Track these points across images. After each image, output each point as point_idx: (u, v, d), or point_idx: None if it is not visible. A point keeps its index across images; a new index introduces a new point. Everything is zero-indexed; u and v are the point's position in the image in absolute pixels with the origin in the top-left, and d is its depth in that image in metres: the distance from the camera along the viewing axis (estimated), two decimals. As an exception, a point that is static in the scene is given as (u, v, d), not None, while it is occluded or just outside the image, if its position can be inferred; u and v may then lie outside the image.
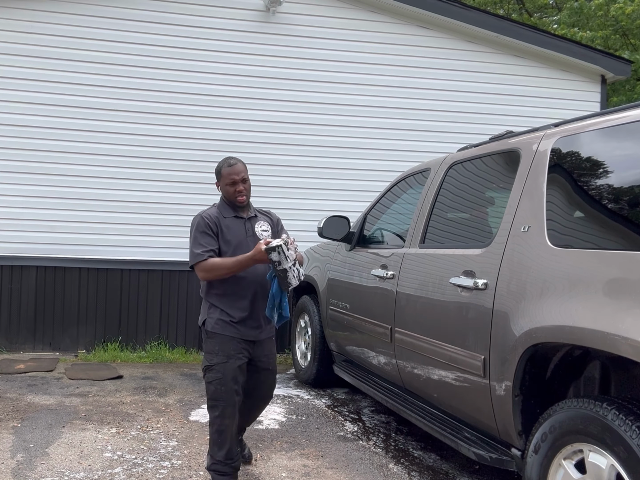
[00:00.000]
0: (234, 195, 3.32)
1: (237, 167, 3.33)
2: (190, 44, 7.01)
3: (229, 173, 3.31)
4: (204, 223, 3.26)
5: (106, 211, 6.83)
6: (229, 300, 3.29)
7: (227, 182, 3.32)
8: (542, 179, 2.93)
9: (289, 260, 3.01)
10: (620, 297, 2.31)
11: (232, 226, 3.31)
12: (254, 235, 3.34)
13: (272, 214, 3.60)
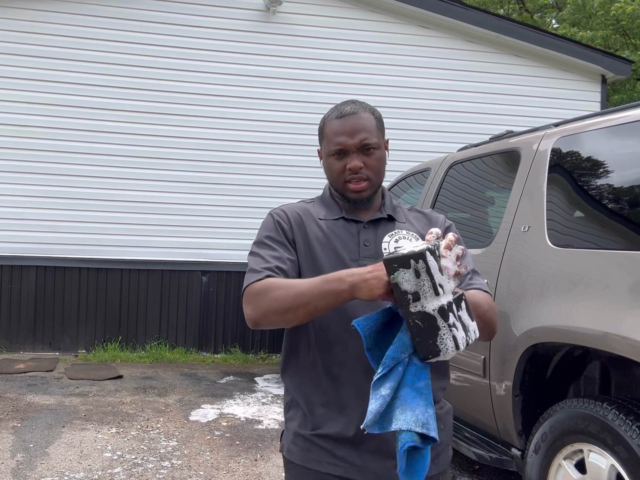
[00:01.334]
0: (341, 178, 1.55)
1: (354, 119, 1.54)
2: (190, 44, 7.01)
3: (336, 131, 1.54)
4: (271, 223, 1.58)
5: (106, 211, 6.83)
6: (311, 384, 1.52)
7: (330, 150, 1.56)
8: (543, 178, 2.93)
9: (442, 292, 1.21)
10: (620, 297, 2.31)
11: (331, 237, 1.56)
12: (375, 258, 1.50)
13: (435, 215, 1.69)
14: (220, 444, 4.11)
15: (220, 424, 4.52)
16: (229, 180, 7.06)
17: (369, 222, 1.57)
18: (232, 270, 7.01)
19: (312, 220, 1.58)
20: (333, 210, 1.60)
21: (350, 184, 1.54)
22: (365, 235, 1.54)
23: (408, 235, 1.57)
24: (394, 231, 1.56)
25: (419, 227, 1.60)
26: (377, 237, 1.54)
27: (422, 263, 1.18)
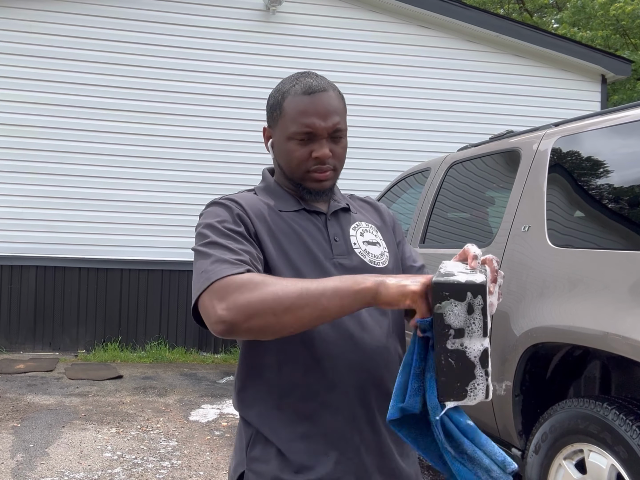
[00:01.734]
0: (303, 166, 1.31)
1: (326, 98, 1.32)
2: (190, 44, 7.01)
3: (304, 109, 1.29)
4: (224, 212, 1.25)
5: (106, 211, 6.83)
6: (284, 415, 1.22)
7: (293, 131, 1.29)
8: (543, 178, 2.93)
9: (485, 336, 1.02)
10: (620, 297, 2.31)
11: (299, 231, 1.31)
12: (347, 255, 1.32)
13: (379, 204, 1.54)
14: (220, 444, 4.11)
15: (220, 424, 4.52)
16: (229, 180, 7.05)
17: (332, 214, 1.35)
18: (232, 270, 7.01)
19: (272, 211, 1.29)
20: (288, 201, 1.33)
21: (315, 173, 1.30)
22: (333, 229, 1.32)
23: (368, 227, 1.40)
24: (356, 223, 1.38)
25: (370, 217, 1.44)
26: (344, 231, 1.34)
27: (480, 299, 0.98)
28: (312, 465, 1.17)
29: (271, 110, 1.35)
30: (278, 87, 1.35)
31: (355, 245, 1.32)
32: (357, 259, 1.29)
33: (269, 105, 1.36)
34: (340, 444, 1.19)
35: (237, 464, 1.25)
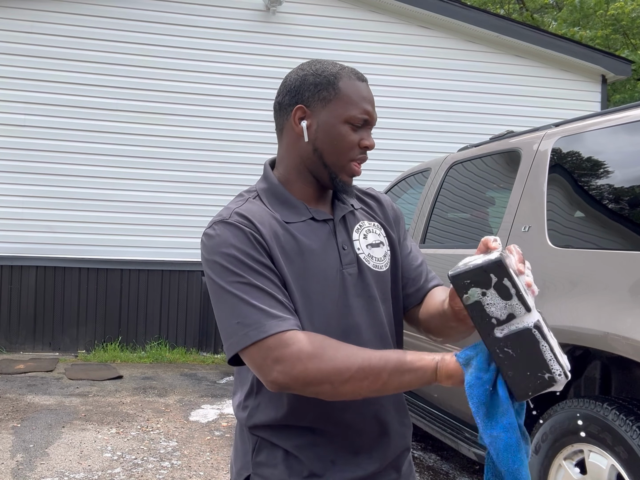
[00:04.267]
0: (349, 154, 1.22)
1: (370, 91, 1.32)
2: (190, 44, 7.01)
3: (364, 95, 1.26)
4: (242, 235, 1.13)
5: (106, 211, 6.83)
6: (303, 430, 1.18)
7: (351, 115, 1.21)
8: (543, 179, 2.93)
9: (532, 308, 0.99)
10: (620, 297, 2.31)
11: (308, 247, 1.20)
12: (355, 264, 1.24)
13: (382, 197, 1.42)
14: (221, 444, 4.11)
15: (220, 424, 4.52)
16: (229, 180, 7.05)
17: (340, 219, 1.25)
18: (232, 271, 7.01)
19: (281, 226, 1.18)
20: (295, 208, 1.21)
21: (355, 164, 1.22)
22: (341, 237, 1.23)
23: (372, 227, 1.29)
24: (359, 224, 1.28)
25: (373, 213, 1.34)
26: (350, 236, 1.25)
27: (505, 276, 0.94)
28: (322, 474, 1.15)
29: (316, 89, 1.20)
30: (318, 67, 1.22)
31: (359, 251, 1.24)
32: (362, 266, 1.23)
33: (308, 84, 1.20)
34: (350, 454, 1.18)
35: (242, 468, 1.22)
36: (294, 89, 1.22)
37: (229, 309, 1.08)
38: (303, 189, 1.24)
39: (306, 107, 1.20)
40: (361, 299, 1.21)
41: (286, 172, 1.24)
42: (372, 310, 1.22)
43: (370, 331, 1.21)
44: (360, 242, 1.25)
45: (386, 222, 1.34)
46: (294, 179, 1.24)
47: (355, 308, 1.20)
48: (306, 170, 1.23)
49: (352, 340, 1.12)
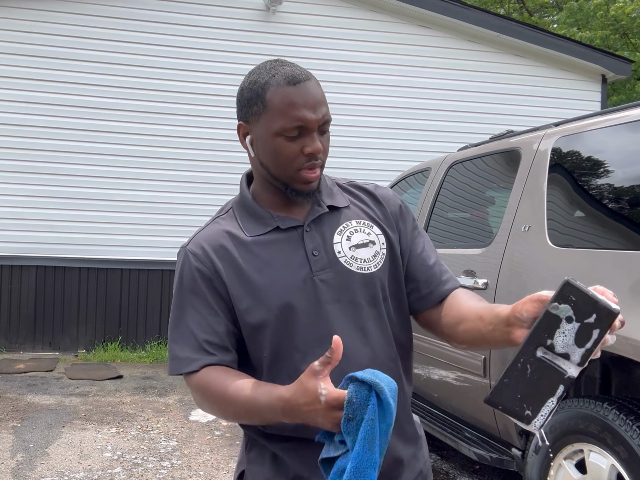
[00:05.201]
0: (294, 164, 1.16)
1: (312, 87, 1.16)
2: (190, 44, 7.01)
3: (293, 102, 1.13)
4: (188, 269, 1.22)
5: (106, 211, 6.83)
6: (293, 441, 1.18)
7: (282, 127, 1.14)
8: (543, 178, 2.93)
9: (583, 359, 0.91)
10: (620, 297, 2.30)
11: (270, 259, 1.20)
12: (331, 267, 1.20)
13: (380, 190, 1.34)
14: (221, 444, 4.11)
15: (220, 424, 4.52)
16: (230, 180, 7.04)
17: (310, 223, 1.21)
18: (232, 270, 7.02)
19: (240, 244, 1.19)
20: (261, 219, 1.22)
21: (305, 172, 1.16)
22: (312, 242, 1.19)
23: (359, 226, 1.24)
24: (342, 225, 1.23)
25: (366, 208, 1.28)
26: (326, 239, 1.21)
27: (600, 327, 0.88)
28: (308, 477, 1.14)
29: (249, 104, 1.18)
30: (253, 79, 1.18)
31: (339, 254, 1.20)
32: (342, 269, 1.19)
33: (244, 99, 1.19)
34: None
35: (240, 462, 1.30)
36: (238, 103, 1.22)
37: (169, 333, 1.24)
38: (270, 198, 1.23)
39: (245, 123, 1.20)
40: (338, 305, 1.17)
41: (255, 184, 1.27)
42: (351, 315, 1.18)
43: (353, 337, 1.16)
44: (342, 245, 1.21)
45: (383, 218, 1.28)
46: (260, 189, 1.25)
47: (331, 315, 1.17)
48: (267, 182, 1.22)
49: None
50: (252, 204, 1.24)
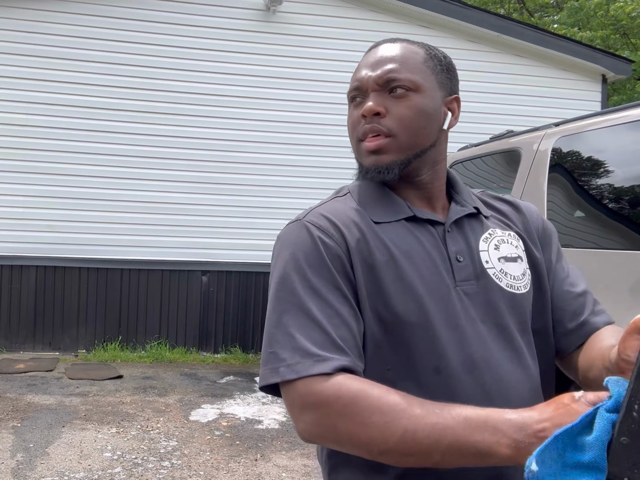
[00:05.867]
0: (356, 134, 1.02)
1: (389, 48, 1.04)
2: (190, 44, 7.00)
3: (360, 64, 1.04)
4: (312, 248, 0.92)
5: (107, 211, 6.83)
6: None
7: (348, 90, 1.05)
8: (543, 178, 2.93)
9: None
10: (620, 297, 2.30)
11: (404, 254, 0.95)
12: (477, 280, 0.98)
13: (524, 204, 1.18)
14: (221, 444, 4.11)
15: (220, 424, 4.52)
16: (230, 180, 7.06)
17: (452, 223, 1.00)
18: (232, 270, 7.02)
19: (369, 228, 0.95)
20: (393, 205, 0.99)
21: (364, 142, 0.98)
22: (455, 244, 0.98)
23: (506, 237, 1.03)
24: (488, 232, 1.02)
25: (509, 222, 1.08)
26: (470, 246, 0.99)
27: None
28: None
29: None
30: None
31: (487, 264, 0.98)
32: (490, 284, 0.97)
33: None
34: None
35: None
36: None
37: (270, 329, 0.90)
38: (404, 189, 1.01)
39: None
40: (484, 327, 0.94)
41: None
42: (503, 341, 0.94)
43: (509, 366, 0.93)
44: (489, 254, 0.99)
45: (526, 233, 1.08)
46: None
47: (481, 336, 0.93)
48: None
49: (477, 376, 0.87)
50: (382, 189, 1.01)
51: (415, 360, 0.89)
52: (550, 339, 1.03)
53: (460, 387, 0.84)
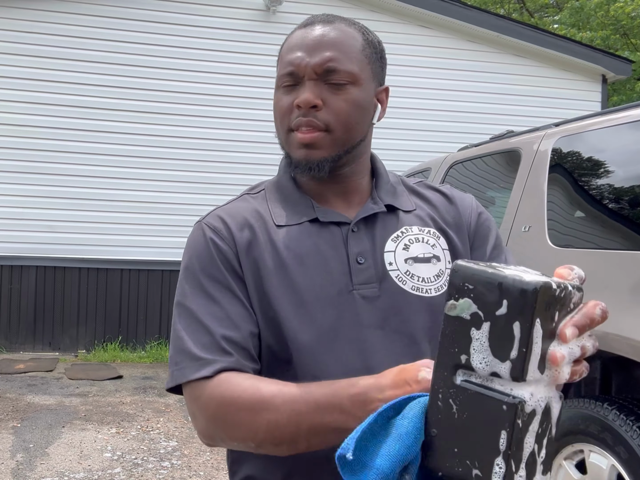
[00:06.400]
0: (284, 122, 0.94)
1: (325, 30, 0.97)
2: (190, 44, 7.00)
3: (292, 45, 0.98)
4: (203, 246, 0.93)
5: (106, 211, 6.83)
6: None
7: (279, 73, 0.97)
8: (543, 178, 2.93)
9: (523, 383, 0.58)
10: (620, 297, 2.30)
11: (298, 260, 0.92)
12: (378, 282, 0.92)
13: (459, 196, 1.05)
14: (220, 444, 4.11)
15: (220, 424, 4.52)
16: (230, 180, 7.05)
17: (359, 222, 0.94)
18: (232, 270, 7.02)
19: (265, 231, 0.93)
20: (297, 206, 0.95)
21: (297, 132, 0.91)
22: (357, 246, 0.92)
23: (422, 234, 0.95)
24: (400, 230, 0.95)
25: (437, 214, 0.99)
26: (376, 245, 0.93)
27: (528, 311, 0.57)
28: None
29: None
30: None
31: (390, 266, 0.91)
32: (392, 287, 0.90)
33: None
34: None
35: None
36: None
37: (172, 332, 0.91)
38: (313, 184, 0.97)
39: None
40: (380, 332, 0.89)
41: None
42: (397, 350, 0.88)
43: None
44: (396, 254, 0.93)
45: (455, 227, 0.99)
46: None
47: (369, 343, 0.88)
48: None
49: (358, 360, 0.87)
50: (289, 186, 0.98)
51: (295, 368, 0.88)
52: None
53: None
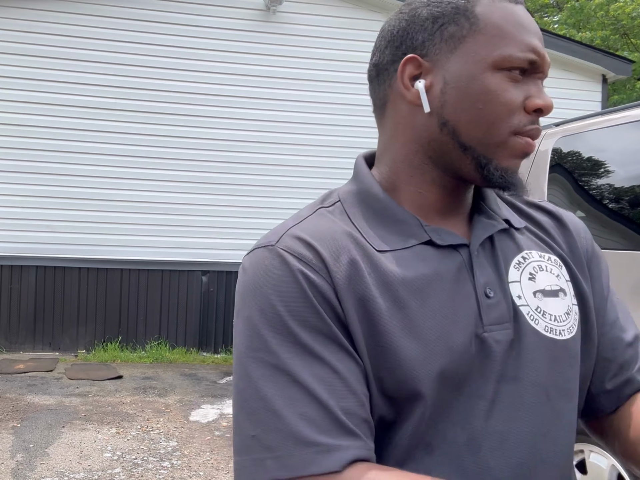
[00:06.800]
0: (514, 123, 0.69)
1: (530, 18, 0.71)
2: (190, 44, 7.00)
3: (522, 23, 0.70)
4: (293, 286, 0.65)
5: (106, 211, 6.83)
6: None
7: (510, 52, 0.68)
8: (543, 178, 2.93)
9: None
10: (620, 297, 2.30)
11: (416, 294, 0.68)
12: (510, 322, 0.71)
13: (566, 215, 0.84)
14: (221, 444, 4.11)
15: (220, 424, 4.51)
16: (230, 180, 7.06)
17: (482, 245, 0.74)
18: (232, 270, 7.01)
19: (366, 259, 0.70)
20: (401, 225, 0.73)
21: (524, 138, 0.71)
22: (483, 275, 0.72)
23: (544, 261, 0.76)
24: (521, 255, 0.75)
25: (549, 239, 0.80)
26: (500, 273, 0.73)
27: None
28: None
29: (437, 24, 0.72)
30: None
31: (519, 300, 0.72)
32: (524, 328, 0.71)
33: (422, 20, 0.73)
34: None
35: None
36: (398, 35, 0.75)
37: (244, 404, 0.66)
38: (419, 196, 0.74)
39: (422, 58, 0.73)
40: (515, 387, 0.70)
41: (391, 170, 0.78)
42: (536, 408, 0.70)
43: (539, 444, 0.70)
44: (522, 286, 0.73)
45: (572, 256, 0.80)
46: (405, 179, 0.76)
47: (503, 401, 0.69)
48: (428, 162, 0.74)
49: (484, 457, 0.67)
50: (385, 199, 0.74)
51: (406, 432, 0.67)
52: (582, 396, 0.78)
53: (489, 466, 0.65)
